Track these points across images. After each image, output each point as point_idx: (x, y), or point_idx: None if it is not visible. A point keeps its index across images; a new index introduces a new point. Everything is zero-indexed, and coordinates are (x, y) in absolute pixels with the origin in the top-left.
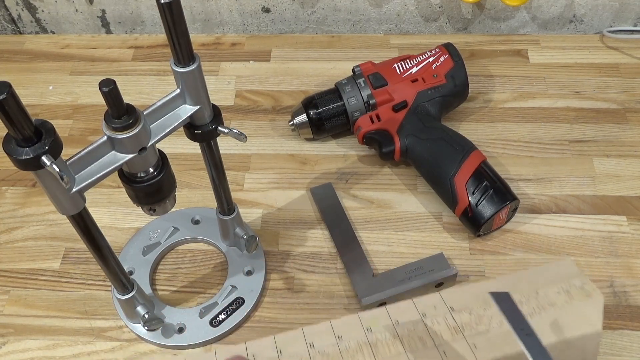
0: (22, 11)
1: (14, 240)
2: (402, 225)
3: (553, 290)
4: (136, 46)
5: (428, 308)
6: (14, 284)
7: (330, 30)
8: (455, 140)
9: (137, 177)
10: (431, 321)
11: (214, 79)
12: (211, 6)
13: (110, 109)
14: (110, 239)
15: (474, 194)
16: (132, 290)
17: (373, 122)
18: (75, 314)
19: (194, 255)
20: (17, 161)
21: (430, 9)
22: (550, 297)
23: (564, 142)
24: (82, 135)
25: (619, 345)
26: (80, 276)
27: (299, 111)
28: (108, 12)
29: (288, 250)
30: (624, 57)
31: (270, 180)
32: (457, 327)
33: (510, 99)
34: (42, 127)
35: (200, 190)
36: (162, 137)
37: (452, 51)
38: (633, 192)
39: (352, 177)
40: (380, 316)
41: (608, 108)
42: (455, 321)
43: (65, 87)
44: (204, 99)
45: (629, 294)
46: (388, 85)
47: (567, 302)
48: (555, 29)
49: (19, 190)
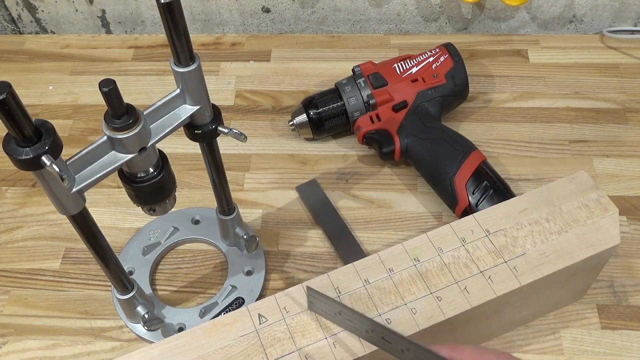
0: (22, 11)
1: (14, 240)
2: (402, 225)
3: (574, 205)
4: (136, 46)
5: (466, 232)
6: (14, 284)
7: (330, 30)
8: (455, 140)
9: (137, 177)
10: (472, 247)
11: (214, 79)
12: (211, 6)
13: (110, 109)
14: (110, 239)
15: (474, 193)
16: (132, 290)
17: (373, 122)
18: (75, 314)
19: (194, 255)
20: (17, 161)
21: (430, 9)
22: (573, 213)
23: (564, 142)
24: (82, 135)
25: (619, 345)
26: (80, 276)
27: (299, 111)
28: (108, 12)
29: (288, 250)
30: (624, 57)
31: (270, 180)
32: (497, 250)
33: (510, 99)
34: (42, 127)
35: (200, 190)
36: (162, 137)
37: (452, 51)
38: (633, 192)
39: (352, 177)
40: (423, 244)
41: (608, 108)
42: (493, 244)
43: (65, 87)
44: (204, 99)
45: (629, 294)
46: (388, 85)
47: (589, 217)
48: (555, 29)
49: (19, 190)
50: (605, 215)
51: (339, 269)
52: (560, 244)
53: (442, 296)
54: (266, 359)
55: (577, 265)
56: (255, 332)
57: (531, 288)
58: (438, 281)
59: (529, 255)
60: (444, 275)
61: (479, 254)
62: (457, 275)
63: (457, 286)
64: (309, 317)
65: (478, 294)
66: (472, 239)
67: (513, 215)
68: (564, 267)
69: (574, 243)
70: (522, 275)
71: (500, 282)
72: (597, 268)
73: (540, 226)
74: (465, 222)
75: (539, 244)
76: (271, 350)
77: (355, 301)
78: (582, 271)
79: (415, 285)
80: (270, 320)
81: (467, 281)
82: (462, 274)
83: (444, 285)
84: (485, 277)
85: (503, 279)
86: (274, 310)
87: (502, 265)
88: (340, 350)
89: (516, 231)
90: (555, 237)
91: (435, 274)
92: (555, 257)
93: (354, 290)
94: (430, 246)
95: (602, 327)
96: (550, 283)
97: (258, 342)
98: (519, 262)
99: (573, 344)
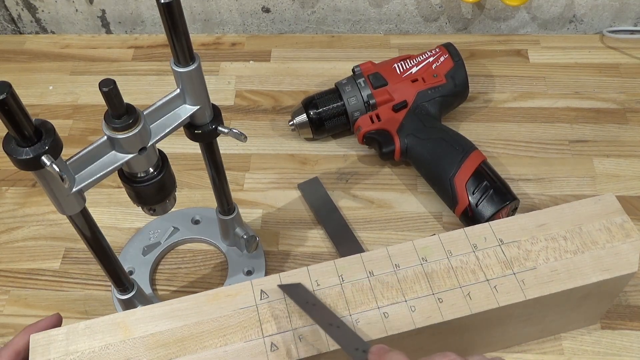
0: (22, 11)
1: (14, 240)
2: (402, 225)
3: (595, 227)
4: (136, 46)
5: (479, 239)
6: (14, 284)
7: (330, 30)
8: (455, 140)
9: (137, 177)
10: (482, 254)
11: (214, 79)
12: (211, 6)
13: (110, 109)
14: (110, 239)
15: (474, 193)
16: (132, 290)
17: (373, 122)
18: (75, 314)
19: (194, 255)
20: (17, 161)
21: (430, 9)
22: (593, 234)
23: (564, 142)
24: (82, 135)
25: (619, 345)
26: (80, 276)
27: (299, 111)
28: (108, 12)
29: (288, 250)
30: (624, 57)
31: (270, 180)
32: (507, 261)
33: (510, 99)
34: (42, 127)
35: (200, 190)
36: (162, 137)
37: (452, 51)
38: (633, 192)
39: (352, 177)
40: (433, 245)
41: (608, 108)
42: (504, 255)
43: (65, 87)
44: (204, 99)
45: (629, 294)
46: (388, 85)
47: (608, 241)
48: (555, 29)
49: (19, 190)
50: (626, 241)
51: (346, 257)
52: (574, 264)
53: (444, 298)
54: (261, 333)
55: (588, 287)
56: (255, 307)
57: (537, 304)
58: (442, 283)
59: (539, 271)
60: (449, 278)
61: (488, 262)
62: (462, 280)
63: (460, 291)
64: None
65: (481, 301)
66: (484, 247)
67: (530, 228)
68: (574, 287)
69: (588, 264)
70: (529, 289)
71: (505, 292)
72: (612, 294)
73: (556, 243)
74: (479, 229)
75: (552, 261)
76: (267, 326)
77: (356, 291)
78: (595, 295)
79: (418, 284)
80: (271, 297)
81: (471, 287)
82: (468, 280)
83: (447, 288)
84: (490, 285)
85: (508, 290)
86: (276, 288)
87: (510, 276)
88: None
89: (530, 245)
90: (570, 256)
91: (440, 275)
92: (566, 276)
93: (357, 280)
94: (441, 247)
95: (602, 327)
96: (558, 302)
97: (256, 317)
98: (528, 276)
99: (573, 344)
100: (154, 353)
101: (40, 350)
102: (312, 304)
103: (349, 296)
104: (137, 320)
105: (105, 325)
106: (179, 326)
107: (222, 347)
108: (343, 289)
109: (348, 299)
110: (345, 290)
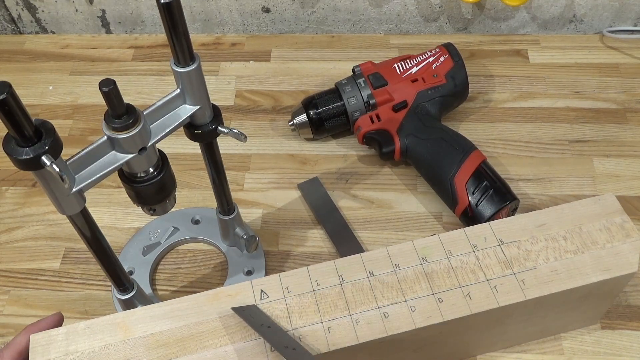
0: (22, 11)
1: (14, 240)
2: (402, 225)
3: (595, 227)
4: (136, 46)
5: (479, 239)
6: (14, 284)
7: (330, 30)
8: (455, 140)
9: (137, 177)
10: (482, 254)
11: (214, 79)
12: (211, 6)
13: (110, 109)
14: (110, 239)
15: (474, 193)
16: (132, 290)
17: (373, 122)
18: (75, 314)
19: (194, 255)
20: (17, 161)
21: (430, 9)
22: (593, 234)
23: (564, 142)
24: (82, 135)
25: (619, 345)
26: (80, 276)
27: (299, 111)
28: (108, 12)
29: (288, 250)
30: (624, 57)
31: (270, 180)
32: (507, 261)
33: (510, 99)
34: (42, 127)
35: (200, 190)
36: (162, 137)
37: (452, 51)
38: (633, 192)
39: (352, 177)
40: (433, 245)
41: (608, 108)
42: (504, 255)
43: (65, 87)
44: (204, 99)
45: (629, 294)
46: (388, 85)
47: (609, 241)
48: (555, 29)
49: (19, 190)
50: (626, 241)
51: (346, 257)
52: (574, 264)
53: (444, 298)
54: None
55: (588, 287)
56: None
57: (537, 304)
58: (442, 283)
59: (539, 271)
60: (449, 278)
61: (488, 262)
62: (462, 280)
63: (460, 291)
64: (309, 300)
65: (480, 301)
66: (484, 247)
67: (530, 228)
68: (574, 287)
69: (588, 264)
70: (529, 289)
71: (505, 292)
72: (612, 294)
73: (556, 243)
74: (479, 229)
75: (552, 261)
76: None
77: (356, 291)
78: (595, 295)
79: (418, 284)
80: (271, 297)
81: (471, 287)
82: (468, 280)
83: (447, 288)
84: (490, 285)
85: (508, 290)
86: (276, 288)
87: (510, 276)
88: (334, 336)
89: (530, 245)
90: (570, 256)
91: (440, 275)
92: (566, 276)
93: (357, 280)
94: (440, 247)
95: (602, 327)
96: (558, 302)
97: None
98: (528, 276)
99: (573, 344)
100: (154, 353)
101: (40, 350)
102: (267, 326)
103: (349, 296)
104: (137, 320)
105: (105, 325)
106: (179, 326)
107: (222, 347)
108: (343, 289)
109: (348, 299)
110: (345, 290)
